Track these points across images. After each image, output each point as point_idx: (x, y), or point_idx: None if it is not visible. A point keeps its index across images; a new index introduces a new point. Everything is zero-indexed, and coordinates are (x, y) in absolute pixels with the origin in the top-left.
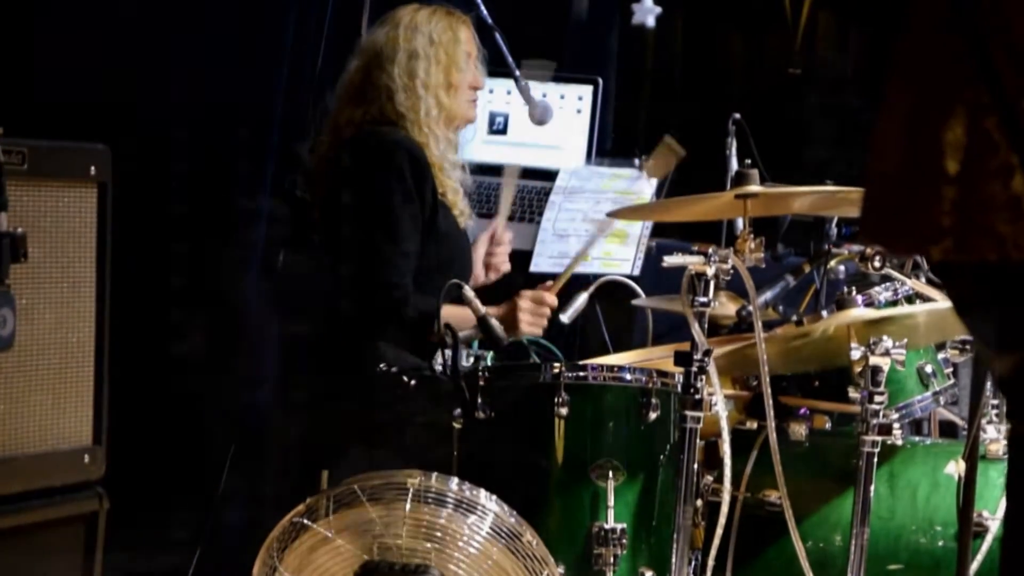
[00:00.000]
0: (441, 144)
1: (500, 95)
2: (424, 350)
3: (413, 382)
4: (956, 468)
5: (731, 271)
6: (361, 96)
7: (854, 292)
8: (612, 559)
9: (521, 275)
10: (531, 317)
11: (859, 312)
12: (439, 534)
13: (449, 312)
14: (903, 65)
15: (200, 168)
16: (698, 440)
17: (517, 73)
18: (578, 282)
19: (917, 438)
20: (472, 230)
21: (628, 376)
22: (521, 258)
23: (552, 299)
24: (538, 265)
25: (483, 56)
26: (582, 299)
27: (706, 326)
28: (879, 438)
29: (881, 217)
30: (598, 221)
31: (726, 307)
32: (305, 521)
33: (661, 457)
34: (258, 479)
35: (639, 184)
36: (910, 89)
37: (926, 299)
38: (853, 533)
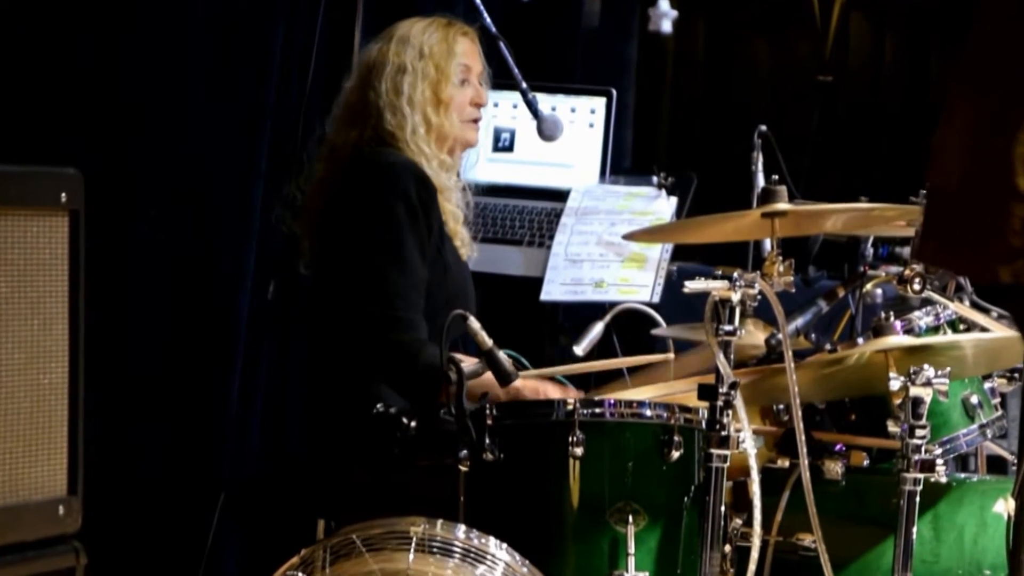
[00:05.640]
0: (434, 166)
1: (506, 109)
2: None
3: (413, 424)
4: (1005, 507)
5: (758, 297)
6: (356, 117)
7: (892, 318)
8: None
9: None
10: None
11: (898, 339)
12: None
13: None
14: (968, 72)
15: (184, 196)
16: (725, 480)
17: (524, 85)
18: (593, 311)
19: (963, 475)
20: (473, 260)
21: (648, 412)
22: (531, 286)
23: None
24: (549, 293)
25: (488, 73)
26: (597, 329)
27: (732, 357)
28: (921, 475)
29: (943, 237)
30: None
31: (753, 336)
32: (300, 574)
33: (685, 499)
34: (249, 529)
35: (658, 203)
36: (976, 99)
37: (970, 324)
38: None
